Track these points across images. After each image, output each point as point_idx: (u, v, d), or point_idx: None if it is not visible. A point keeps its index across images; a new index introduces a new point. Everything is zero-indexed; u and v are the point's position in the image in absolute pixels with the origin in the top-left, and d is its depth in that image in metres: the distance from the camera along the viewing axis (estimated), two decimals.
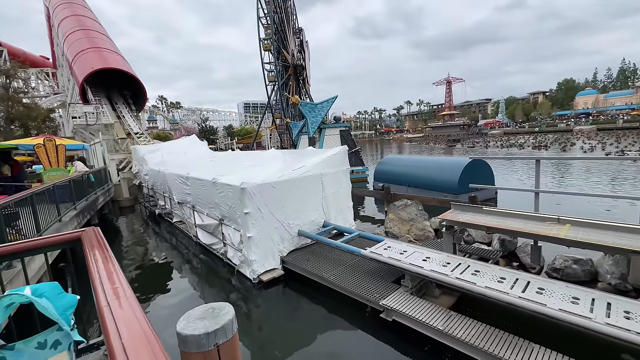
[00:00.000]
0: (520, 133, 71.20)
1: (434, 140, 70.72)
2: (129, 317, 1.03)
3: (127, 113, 25.20)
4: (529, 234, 4.83)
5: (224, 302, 2.00)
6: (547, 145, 37.66)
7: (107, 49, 27.46)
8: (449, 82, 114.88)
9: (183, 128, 59.78)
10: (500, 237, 6.81)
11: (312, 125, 20.26)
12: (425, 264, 4.80)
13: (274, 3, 36.71)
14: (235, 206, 6.72)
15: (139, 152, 16.34)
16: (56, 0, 31.94)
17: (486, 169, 12.21)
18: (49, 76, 41.65)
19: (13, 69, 25.04)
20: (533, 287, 3.94)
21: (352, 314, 5.22)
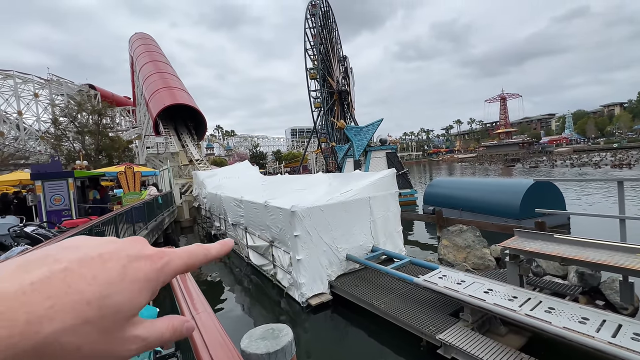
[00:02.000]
0: (594, 150, 63.04)
1: (489, 161, 65.89)
2: (212, 329, 1.14)
3: (190, 142, 28.14)
4: (617, 268, 4.15)
5: (283, 324, 2.07)
6: (631, 164, 32.62)
7: (176, 87, 31.49)
8: (503, 98, 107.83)
9: (236, 154, 64.45)
10: (579, 270, 5.96)
11: (358, 148, 20.40)
12: (488, 297, 4.38)
13: (320, 36, 39.02)
14: (286, 228, 6.95)
15: (199, 177, 17.94)
16: (139, 50, 37.97)
17: (554, 191, 10.96)
18: (130, 113, 48.76)
19: (104, 108, 29.86)
20: (627, 331, 3.34)
21: (404, 347, 4.90)
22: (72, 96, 37.24)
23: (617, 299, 5.24)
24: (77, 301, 0.25)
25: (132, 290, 0.29)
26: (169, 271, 0.33)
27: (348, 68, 42.54)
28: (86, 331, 0.26)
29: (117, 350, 0.28)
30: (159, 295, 1.55)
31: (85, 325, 0.25)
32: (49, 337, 0.24)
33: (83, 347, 0.26)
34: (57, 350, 0.24)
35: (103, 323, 0.27)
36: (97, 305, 0.26)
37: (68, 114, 28.53)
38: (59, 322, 0.24)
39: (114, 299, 0.28)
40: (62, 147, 28.57)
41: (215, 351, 1.00)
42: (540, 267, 6.65)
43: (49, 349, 0.24)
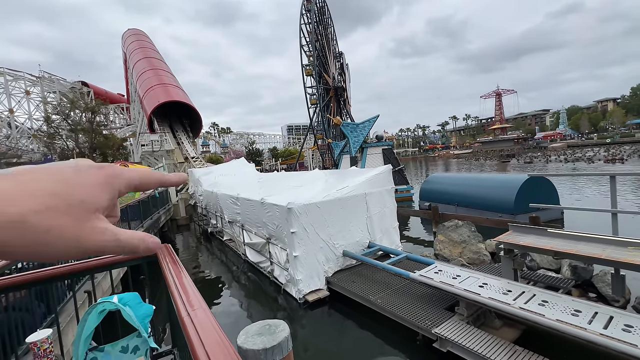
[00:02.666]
0: (588, 145, 63.74)
1: (484, 156, 66.31)
2: (207, 326, 1.14)
3: (185, 140, 27.95)
4: (609, 261, 4.23)
5: (280, 320, 2.08)
6: (624, 158, 33.05)
7: (170, 84, 31.19)
8: (499, 94, 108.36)
9: (232, 151, 64.14)
10: (572, 263, 6.05)
11: (354, 144, 20.41)
12: (483, 291, 4.44)
13: (316, 32, 38.80)
14: (282, 225, 6.95)
15: (195, 175, 17.85)
16: (132, 47, 37.48)
17: (548, 186, 11.08)
18: (124, 110, 48.25)
19: (97, 106, 29.51)
20: (618, 323, 3.41)
21: (401, 341, 4.96)
22: (64, 93, 36.72)
23: (609, 292, 5.33)
24: (38, 192, 0.31)
25: (90, 189, 0.35)
26: (124, 179, 0.39)
27: (344, 64, 42.42)
28: (53, 216, 0.31)
29: (87, 235, 0.33)
30: (155, 292, 1.55)
31: (49, 211, 0.31)
32: (17, 217, 0.29)
33: (54, 228, 0.31)
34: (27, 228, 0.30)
35: (70, 211, 0.32)
36: (58, 197, 0.32)
37: (61, 111, 28.14)
38: (25, 206, 0.30)
39: (73, 194, 0.33)
40: (55, 145, 28.22)
41: (211, 348, 1.01)
42: (534, 261, 6.74)
43: (22, 227, 0.30)
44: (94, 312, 1.84)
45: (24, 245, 0.30)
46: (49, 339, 1.93)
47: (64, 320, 3.58)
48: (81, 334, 1.80)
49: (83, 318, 1.82)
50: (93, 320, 1.85)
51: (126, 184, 0.39)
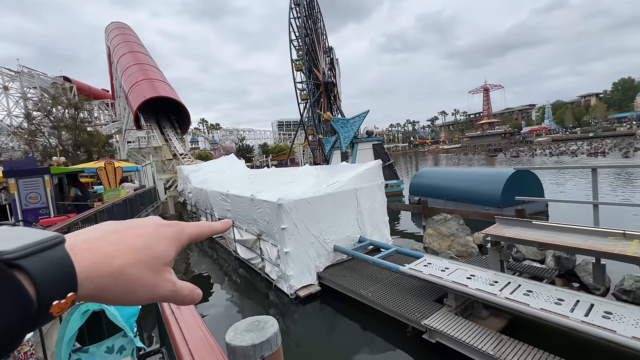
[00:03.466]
0: (572, 139, 65.47)
1: (473, 151, 67.38)
2: (192, 324, 1.13)
3: (173, 136, 27.39)
4: (590, 251, 4.37)
5: (269, 316, 2.07)
6: (605, 152, 34.09)
7: (157, 80, 30.42)
8: (486, 89, 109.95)
9: (222, 147, 63.31)
10: (556, 254, 6.23)
11: (345, 140, 20.42)
12: (470, 282, 4.53)
13: (305, 26, 38.42)
14: (273, 222, 6.92)
15: (184, 172, 17.58)
16: (116, 40, 36.35)
17: (533, 180, 11.35)
18: (109, 106, 46.94)
19: (80, 102, 28.59)
20: (598, 310, 3.54)
21: (392, 334, 5.03)
22: (45, 89, 35.46)
23: (590, 281, 5.52)
24: (131, 248, 0.38)
25: (164, 245, 0.42)
26: (186, 234, 0.45)
27: (334, 59, 42.19)
28: (141, 268, 0.38)
29: (161, 285, 0.40)
30: None
31: (139, 264, 0.38)
32: (118, 268, 0.36)
33: (141, 279, 0.38)
34: (125, 277, 0.37)
35: (151, 264, 0.39)
36: (144, 252, 0.39)
37: (42, 107, 27.17)
38: (124, 259, 0.37)
39: (154, 248, 0.40)
40: (36, 142, 27.28)
41: (195, 346, 0.99)
42: (520, 252, 6.91)
43: (120, 276, 0.36)
44: (76, 312, 1.79)
45: (118, 291, 0.36)
46: (30, 342, 1.87)
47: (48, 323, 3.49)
48: (64, 335, 1.75)
49: (65, 319, 1.77)
50: (76, 321, 1.80)
51: (188, 238, 0.46)
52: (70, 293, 0.32)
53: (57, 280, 0.31)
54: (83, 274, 0.34)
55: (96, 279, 0.35)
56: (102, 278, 0.35)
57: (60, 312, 0.32)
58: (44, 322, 0.31)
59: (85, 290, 0.34)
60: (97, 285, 0.35)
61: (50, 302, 0.31)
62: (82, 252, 0.35)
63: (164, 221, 0.45)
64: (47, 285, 0.31)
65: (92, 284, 0.34)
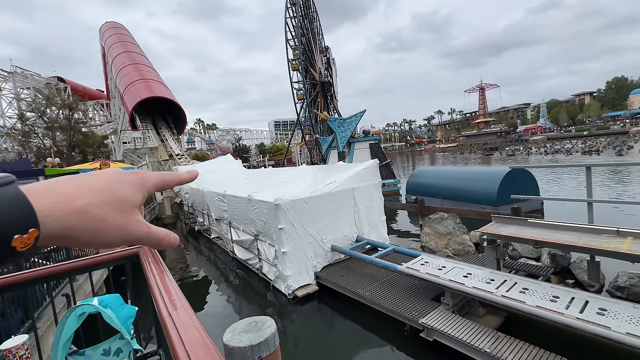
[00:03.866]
0: (567, 138, 66.07)
1: (469, 150, 67.74)
2: (189, 325, 1.12)
3: (169, 136, 27.27)
4: (585, 248, 4.41)
5: (266, 316, 2.07)
6: (599, 150, 34.45)
7: (152, 80, 30.26)
8: (482, 88, 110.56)
9: (218, 148, 63.05)
10: (551, 252, 6.29)
11: (342, 139, 20.44)
12: (467, 281, 4.56)
13: (301, 26, 38.38)
14: (270, 222, 6.92)
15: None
16: (110, 40, 36.09)
17: (529, 178, 11.44)
18: (104, 107, 46.57)
19: (75, 102, 28.33)
20: (593, 307, 3.58)
21: (389, 333, 5.05)
22: (39, 89, 35.08)
23: (585, 278, 5.58)
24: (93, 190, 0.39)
25: (128, 188, 0.43)
26: (150, 181, 0.47)
27: (330, 59, 42.20)
28: (106, 208, 0.39)
29: (132, 225, 0.41)
30: (141, 293, 1.50)
31: (104, 204, 0.39)
32: (82, 207, 0.37)
33: (107, 219, 0.39)
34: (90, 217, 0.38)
35: (116, 204, 0.40)
36: (108, 193, 0.40)
37: (36, 108, 26.88)
38: (86, 199, 0.38)
39: (118, 190, 0.42)
40: (30, 144, 26.98)
41: (192, 347, 0.99)
42: (516, 250, 6.97)
43: (85, 215, 0.37)
44: (72, 315, 1.78)
45: (85, 230, 0.37)
46: (25, 345, 1.85)
47: (44, 325, 3.46)
48: (60, 338, 1.74)
49: (61, 322, 1.76)
50: (72, 323, 1.79)
51: (153, 185, 0.47)
52: (31, 229, 0.33)
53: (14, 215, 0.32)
54: (43, 212, 0.34)
55: (59, 218, 0.35)
56: (66, 217, 0.36)
57: (25, 248, 0.33)
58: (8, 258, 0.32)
59: (49, 229, 0.34)
60: (60, 224, 0.35)
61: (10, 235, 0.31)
62: (39, 192, 0.35)
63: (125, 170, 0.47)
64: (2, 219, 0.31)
65: (54, 222, 0.35)
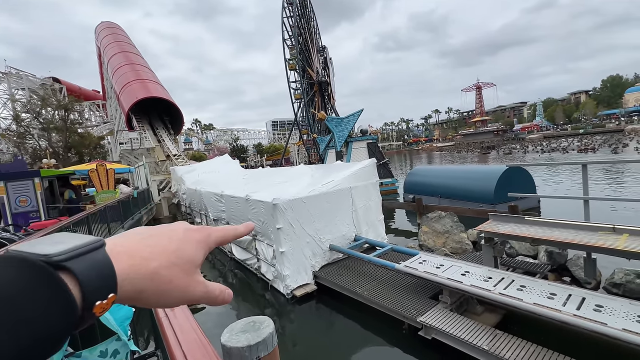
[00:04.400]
0: (563, 136, 66.51)
1: (466, 148, 67.99)
2: (186, 326, 1.12)
3: (166, 137, 27.13)
4: (581, 246, 4.44)
5: (264, 316, 2.06)
6: (595, 148, 34.69)
7: (149, 80, 30.08)
8: (479, 87, 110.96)
9: (216, 148, 62.88)
10: (548, 249, 6.32)
11: (339, 139, 20.44)
12: (465, 279, 4.57)
13: (298, 25, 38.34)
14: (268, 222, 6.90)
15: (177, 173, 17.43)
16: (106, 40, 35.84)
17: (526, 176, 11.50)
18: (100, 107, 46.25)
19: (70, 103, 28.11)
20: (589, 304, 3.60)
21: (388, 331, 5.06)
22: (34, 90, 34.80)
23: (581, 275, 5.62)
24: (165, 251, 0.41)
25: (193, 248, 0.44)
26: (213, 238, 0.48)
27: (327, 59, 42.19)
28: (174, 270, 0.40)
29: (192, 286, 0.42)
30: None
31: (173, 266, 0.40)
32: (154, 270, 0.38)
33: (173, 280, 0.40)
34: (160, 279, 0.39)
35: (183, 266, 0.41)
36: (176, 254, 0.41)
37: (31, 109, 26.64)
38: (158, 261, 0.39)
39: (185, 251, 0.43)
40: (26, 145, 26.75)
41: (189, 348, 0.98)
42: (513, 248, 7.00)
43: (155, 278, 0.38)
44: None
45: (153, 292, 0.38)
46: None
47: None
48: None
49: None
50: None
51: (214, 242, 0.48)
52: (111, 294, 0.34)
53: (100, 281, 0.33)
54: (122, 276, 0.35)
55: (134, 281, 0.37)
56: (139, 280, 0.37)
57: (102, 313, 0.34)
58: (87, 322, 0.33)
59: (124, 291, 0.36)
60: (134, 286, 0.37)
61: (93, 302, 0.32)
62: (120, 254, 0.37)
63: (192, 226, 0.48)
64: (91, 286, 0.32)
65: (130, 285, 0.36)
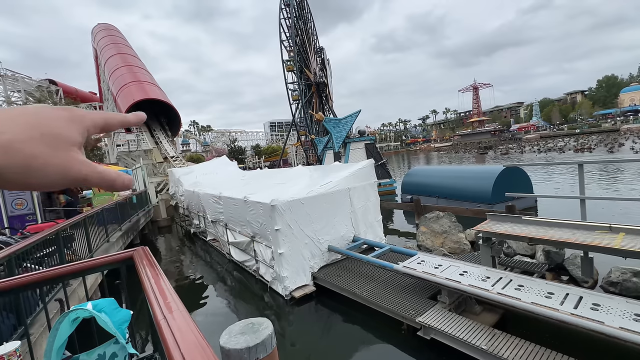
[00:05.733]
0: (559, 136, 66.88)
1: (463, 149, 68.21)
2: (184, 328, 1.11)
3: (164, 139, 27.06)
4: (578, 245, 4.47)
5: (263, 318, 2.06)
6: (591, 147, 34.92)
7: (146, 82, 30.01)
8: (476, 88, 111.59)
9: (214, 149, 62.73)
10: (545, 248, 6.36)
11: (337, 140, 20.46)
12: (463, 279, 4.59)
13: (295, 26, 38.37)
14: (266, 223, 6.89)
15: (175, 175, 17.37)
16: (103, 42, 35.73)
17: (523, 176, 11.56)
18: (96, 109, 46.07)
19: (67, 105, 27.94)
20: (587, 302, 3.62)
21: (387, 332, 5.06)
22: (30, 92, 34.58)
23: (579, 274, 5.65)
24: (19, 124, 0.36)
25: (61, 123, 0.39)
26: (89, 119, 0.43)
27: (325, 59, 42.20)
28: (35, 144, 0.36)
29: (71, 165, 0.38)
30: (137, 296, 1.50)
31: (31, 140, 0.36)
32: (5, 142, 0.34)
33: (38, 156, 0.36)
34: (17, 153, 0.35)
35: (47, 140, 0.37)
36: (36, 129, 0.37)
37: None
38: (11, 134, 0.35)
39: (48, 127, 0.38)
40: None
41: (188, 351, 0.98)
42: (511, 247, 7.03)
43: (10, 151, 0.34)
44: (65, 320, 1.76)
45: (14, 169, 0.35)
46: (17, 352, 1.82)
47: (37, 331, 3.41)
48: (53, 344, 1.71)
49: (54, 327, 1.74)
50: (65, 329, 1.77)
51: (92, 124, 0.43)
52: None
53: None
54: None
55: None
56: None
57: None
58: None
59: None
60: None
61: None
62: None
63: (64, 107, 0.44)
64: None
65: None
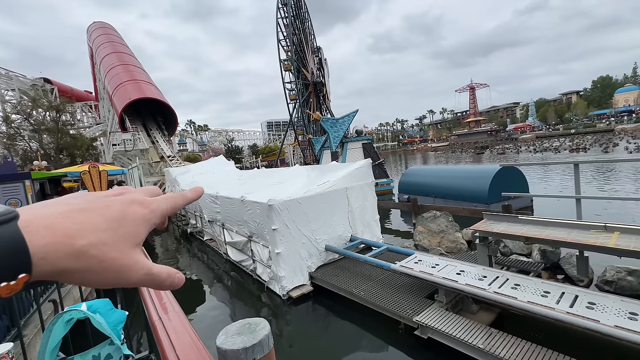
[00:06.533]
0: (555, 136, 67.44)
1: (460, 149, 68.54)
2: (180, 329, 1.10)
3: (160, 138, 26.92)
4: (574, 244, 4.50)
5: (260, 318, 2.05)
6: (586, 147, 35.23)
7: (143, 81, 29.82)
8: (472, 88, 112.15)
9: (211, 149, 62.52)
10: (541, 247, 6.40)
11: (334, 140, 20.46)
12: (460, 278, 4.60)
13: (293, 26, 38.32)
14: (263, 223, 6.87)
15: (172, 174, 17.26)
16: (99, 40, 35.46)
17: (519, 176, 11.62)
18: (92, 108, 45.70)
19: (62, 104, 27.72)
20: (582, 301, 3.65)
21: (384, 331, 5.06)
22: (24, 91, 34.24)
23: (574, 273, 5.69)
24: (96, 229, 0.36)
25: (132, 226, 0.39)
26: (159, 212, 0.43)
27: (322, 59, 42.18)
28: (105, 249, 0.36)
29: (128, 268, 0.38)
30: (134, 297, 1.49)
31: (104, 246, 0.36)
32: (81, 249, 0.34)
33: (105, 261, 0.36)
34: (87, 259, 0.34)
35: (117, 246, 0.37)
36: (109, 233, 0.37)
37: (21, 110, 26.22)
38: (87, 240, 0.35)
39: (121, 230, 0.38)
40: (16, 147, 26.31)
41: (183, 352, 0.97)
42: (507, 247, 7.07)
43: (82, 257, 0.34)
44: (59, 321, 1.73)
45: (79, 273, 0.35)
46: (10, 354, 1.80)
47: (30, 333, 3.37)
48: (46, 346, 1.69)
49: (47, 328, 1.71)
50: (59, 330, 1.74)
51: (160, 216, 0.43)
52: (22, 274, 0.30)
53: (7, 260, 0.29)
54: (38, 255, 0.31)
55: (54, 260, 0.32)
56: (61, 259, 0.33)
57: (10, 294, 0.30)
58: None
59: (41, 271, 0.32)
60: (54, 266, 0.32)
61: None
62: (39, 230, 0.32)
63: (135, 197, 0.42)
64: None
65: (49, 265, 0.32)
